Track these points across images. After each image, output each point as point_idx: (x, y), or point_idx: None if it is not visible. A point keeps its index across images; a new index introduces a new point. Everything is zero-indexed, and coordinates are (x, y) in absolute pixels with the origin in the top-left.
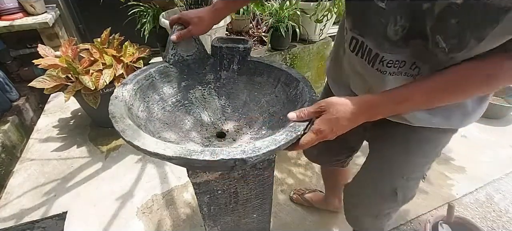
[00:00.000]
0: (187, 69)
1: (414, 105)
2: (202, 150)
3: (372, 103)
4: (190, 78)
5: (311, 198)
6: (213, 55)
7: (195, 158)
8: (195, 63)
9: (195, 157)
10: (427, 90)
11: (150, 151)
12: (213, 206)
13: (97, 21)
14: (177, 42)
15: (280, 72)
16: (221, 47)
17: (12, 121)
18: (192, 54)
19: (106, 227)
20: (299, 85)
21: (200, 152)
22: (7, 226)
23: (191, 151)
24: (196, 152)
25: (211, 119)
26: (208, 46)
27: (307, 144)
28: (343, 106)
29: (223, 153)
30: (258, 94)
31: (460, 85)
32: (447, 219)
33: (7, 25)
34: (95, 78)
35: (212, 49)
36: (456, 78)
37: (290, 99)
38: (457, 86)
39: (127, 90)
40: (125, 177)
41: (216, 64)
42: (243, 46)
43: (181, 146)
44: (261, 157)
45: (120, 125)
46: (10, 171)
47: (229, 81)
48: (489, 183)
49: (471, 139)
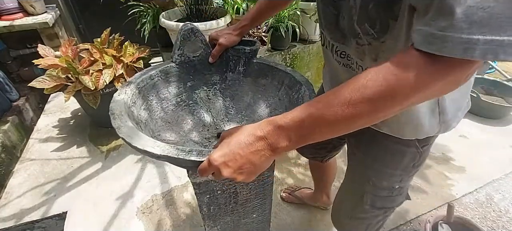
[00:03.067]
0: (193, 70)
1: (323, 121)
2: (190, 150)
3: (273, 121)
4: (196, 78)
5: (301, 194)
6: (219, 56)
7: (182, 158)
8: (201, 64)
9: (181, 156)
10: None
11: (140, 148)
12: (213, 206)
13: (97, 21)
14: (212, 62)
15: (284, 75)
16: (228, 49)
17: (12, 121)
18: (198, 55)
19: (106, 227)
20: (301, 89)
21: (187, 152)
22: (7, 226)
23: (178, 151)
24: (183, 152)
25: (214, 120)
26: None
27: (201, 171)
28: (237, 130)
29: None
30: (262, 96)
31: (360, 90)
32: (447, 219)
33: (7, 25)
34: (95, 78)
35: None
36: (356, 82)
37: (292, 103)
38: (357, 91)
39: (130, 89)
40: (125, 177)
41: (222, 65)
42: (249, 48)
43: (170, 145)
44: None
45: (117, 122)
46: (10, 171)
47: (234, 82)
48: (489, 183)
49: (471, 139)
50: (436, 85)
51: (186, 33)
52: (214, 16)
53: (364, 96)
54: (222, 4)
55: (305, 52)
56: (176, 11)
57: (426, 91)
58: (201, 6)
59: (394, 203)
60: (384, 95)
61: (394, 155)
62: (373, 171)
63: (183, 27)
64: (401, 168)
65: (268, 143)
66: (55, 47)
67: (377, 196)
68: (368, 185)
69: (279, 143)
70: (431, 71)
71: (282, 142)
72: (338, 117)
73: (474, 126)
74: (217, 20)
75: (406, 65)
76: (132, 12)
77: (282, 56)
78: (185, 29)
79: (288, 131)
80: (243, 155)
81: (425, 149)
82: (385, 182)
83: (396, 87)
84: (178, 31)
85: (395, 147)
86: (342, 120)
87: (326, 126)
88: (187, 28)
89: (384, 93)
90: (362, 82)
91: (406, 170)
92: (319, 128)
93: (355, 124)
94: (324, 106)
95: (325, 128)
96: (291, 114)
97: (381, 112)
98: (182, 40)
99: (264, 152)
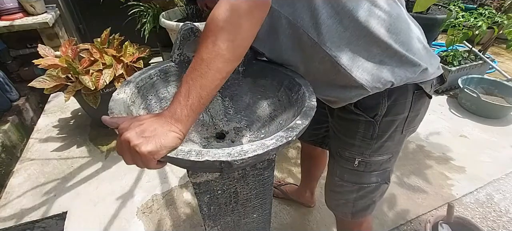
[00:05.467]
0: None
1: (195, 86)
2: (189, 150)
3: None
4: None
5: (287, 189)
6: None
7: (181, 158)
8: None
9: (181, 156)
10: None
11: None
12: (213, 206)
13: (97, 21)
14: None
15: (284, 76)
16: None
17: (12, 121)
18: None
19: (106, 227)
20: (300, 90)
21: (186, 152)
22: (7, 226)
23: (177, 150)
24: (182, 152)
25: (213, 120)
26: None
27: (117, 148)
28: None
29: (209, 155)
30: (261, 97)
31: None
32: (447, 219)
33: (7, 25)
34: (95, 78)
35: None
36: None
37: (291, 104)
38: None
39: (130, 88)
40: (125, 177)
41: None
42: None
43: None
44: (247, 160)
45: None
46: (10, 171)
47: (233, 83)
48: (489, 183)
49: (471, 138)
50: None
51: (186, 33)
52: None
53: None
54: None
55: None
56: (176, 11)
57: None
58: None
59: (363, 180)
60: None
61: (350, 124)
62: (337, 141)
63: (183, 27)
64: (358, 137)
65: (168, 114)
66: (55, 47)
67: (343, 168)
68: (336, 155)
69: (175, 109)
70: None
71: (177, 107)
72: (204, 55)
73: (474, 125)
74: None
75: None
76: (132, 12)
77: None
78: (185, 29)
79: (178, 96)
80: (147, 119)
81: (378, 119)
82: (347, 153)
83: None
84: (178, 30)
85: (350, 116)
86: (207, 56)
87: (201, 67)
88: (187, 27)
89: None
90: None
91: (365, 142)
92: (198, 76)
93: (216, 61)
94: (195, 59)
95: (200, 70)
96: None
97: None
98: (182, 40)
99: (166, 118)
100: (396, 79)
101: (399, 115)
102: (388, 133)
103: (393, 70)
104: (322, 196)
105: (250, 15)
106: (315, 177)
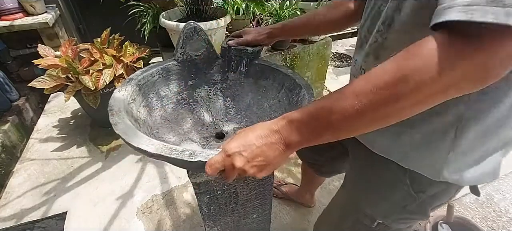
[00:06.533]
0: (195, 69)
1: (335, 113)
2: (183, 150)
3: (287, 116)
4: (197, 77)
5: (287, 189)
6: (222, 56)
7: (174, 157)
8: (203, 63)
9: (174, 155)
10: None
11: (134, 145)
12: (213, 206)
13: (97, 21)
14: (232, 46)
15: (285, 77)
16: (230, 49)
17: (12, 121)
18: (200, 54)
19: (106, 227)
20: (301, 92)
21: (180, 152)
22: (7, 226)
23: (172, 150)
24: (176, 151)
25: (213, 119)
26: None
27: (213, 164)
28: (253, 126)
29: (202, 155)
30: (262, 98)
31: (371, 80)
32: (447, 219)
33: (7, 25)
34: (95, 78)
35: (221, 50)
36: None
37: (291, 105)
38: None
39: (131, 86)
40: (125, 177)
41: (224, 65)
42: (251, 49)
43: (164, 144)
44: None
45: (115, 118)
46: (10, 171)
47: (235, 83)
48: (489, 183)
49: None
50: (456, 68)
51: (189, 32)
52: (214, 16)
53: (375, 83)
54: (222, 4)
55: (305, 52)
56: (176, 11)
57: (444, 77)
58: (201, 6)
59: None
60: (394, 80)
61: (385, 182)
62: (360, 192)
63: (186, 26)
64: (389, 200)
65: (281, 136)
66: (55, 47)
67: (359, 222)
68: (353, 206)
69: (291, 136)
70: (453, 50)
71: (294, 136)
72: (349, 109)
73: None
74: (217, 20)
75: (420, 46)
76: (132, 12)
77: (282, 56)
78: (188, 28)
79: (300, 124)
80: (258, 146)
81: (421, 195)
82: (369, 210)
83: (408, 70)
84: (181, 29)
85: (387, 174)
86: (354, 112)
87: (338, 120)
88: (190, 27)
89: (394, 77)
90: (373, 72)
91: (394, 208)
92: (330, 121)
93: (366, 117)
94: (336, 97)
95: (337, 122)
96: (304, 108)
97: (393, 103)
98: (185, 39)
99: (278, 145)
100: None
101: (442, 201)
102: (422, 209)
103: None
104: (322, 196)
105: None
106: (316, 184)
